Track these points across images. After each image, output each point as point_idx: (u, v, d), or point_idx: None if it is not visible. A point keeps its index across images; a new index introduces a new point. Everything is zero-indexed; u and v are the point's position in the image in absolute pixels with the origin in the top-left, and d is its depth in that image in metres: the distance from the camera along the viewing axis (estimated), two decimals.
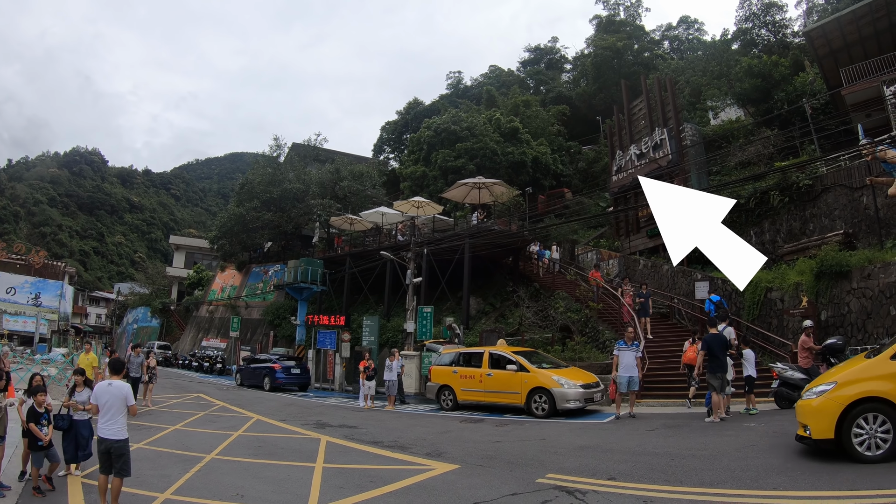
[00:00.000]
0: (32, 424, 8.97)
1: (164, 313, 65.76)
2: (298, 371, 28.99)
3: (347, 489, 8.56)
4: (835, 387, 8.41)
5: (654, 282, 25.68)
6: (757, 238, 23.79)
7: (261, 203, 46.34)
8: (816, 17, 36.90)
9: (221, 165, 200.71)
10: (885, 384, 7.95)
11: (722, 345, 13.56)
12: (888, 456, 7.77)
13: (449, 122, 41.04)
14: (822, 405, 8.39)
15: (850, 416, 8.06)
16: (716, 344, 13.45)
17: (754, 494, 7.11)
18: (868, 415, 7.99)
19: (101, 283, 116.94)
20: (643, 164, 28.88)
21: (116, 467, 7.59)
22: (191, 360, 45.17)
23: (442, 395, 19.17)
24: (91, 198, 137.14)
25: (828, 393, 8.41)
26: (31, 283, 60.05)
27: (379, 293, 35.44)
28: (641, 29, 63.62)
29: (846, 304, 15.98)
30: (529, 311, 26.81)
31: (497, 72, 72.03)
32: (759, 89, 32.13)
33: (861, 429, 8.01)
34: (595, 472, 8.87)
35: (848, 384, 8.31)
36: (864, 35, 26.61)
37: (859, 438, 8.00)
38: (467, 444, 12.13)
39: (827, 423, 8.19)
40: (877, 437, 7.92)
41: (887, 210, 18.78)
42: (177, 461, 10.90)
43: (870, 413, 7.98)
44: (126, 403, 7.82)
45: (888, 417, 7.85)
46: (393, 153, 67.78)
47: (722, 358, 13.34)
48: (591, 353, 21.65)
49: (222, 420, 17.16)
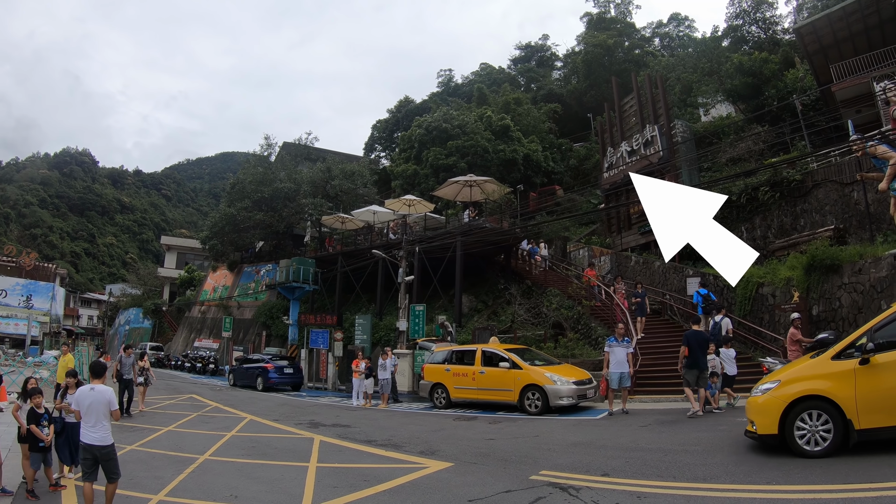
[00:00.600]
0: (34, 426, 8.93)
1: (156, 314, 65.56)
2: (291, 371, 28.96)
3: (341, 488, 8.56)
4: (778, 385, 8.86)
5: (645, 278, 25.72)
6: (748, 234, 23.85)
7: (252, 203, 46.23)
8: (806, 14, 37.00)
9: (212, 165, 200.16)
10: (826, 383, 8.34)
11: (701, 342, 13.84)
12: (829, 451, 8.11)
13: (440, 121, 40.99)
14: (766, 402, 8.84)
15: (793, 413, 8.47)
16: (695, 341, 13.74)
17: (748, 489, 7.13)
18: (811, 412, 8.36)
19: (92, 284, 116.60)
20: (634, 160, 28.91)
21: (106, 472, 7.54)
22: (183, 361, 45.11)
23: (435, 393, 19.19)
24: (82, 199, 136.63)
25: (772, 391, 8.85)
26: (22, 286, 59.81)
27: (371, 292, 35.41)
28: (632, 26, 63.70)
29: (837, 298, 16.04)
30: (522, 308, 26.84)
31: (488, 70, 71.98)
32: (750, 86, 32.21)
33: (803, 425, 8.39)
34: (588, 469, 8.89)
35: (790, 383, 8.77)
36: (853, 31, 26.68)
37: (801, 434, 8.39)
38: (461, 442, 12.14)
39: (771, 420, 8.61)
40: (818, 433, 8.28)
41: (878, 205, 18.85)
42: (170, 462, 10.88)
43: (811, 410, 8.36)
44: (110, 408, 7.72)
45: (828, 415, 8.20)
46: (384, 152, 67.62)
47: (699, 355, 13.57)
48: (584, 350, 21.69)
49: (215, 421, 17.14)
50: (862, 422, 7.97)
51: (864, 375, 8.03)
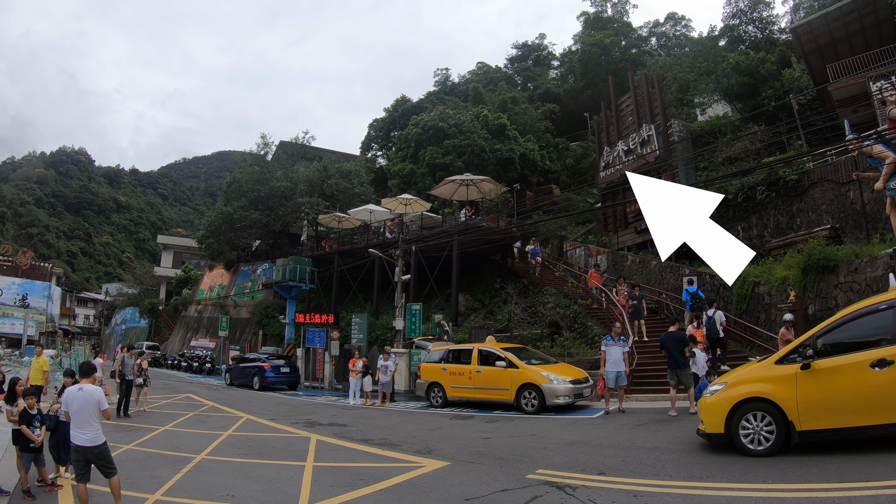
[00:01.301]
0: (25, 426, 8.91)
1: (152, 313, 65.50)
2: (288, 370, 28.96)
3: (338, 487, 8.56)
4: (725, 387, 9.28)
5: (642, 277, 25.74)
6: (744, 233, 23.88)
7: (248, 202, 46.22)
8: (803, 14, 37.01)
9: (209, 164, 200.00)
10: (769, 386, 8.70)
11: (678, 342, 14.07)
12: (772, 451, 8.46)
13: (437, 119, 40.99)
14: (714, 403, 9.25)
15: (738, 414, 8.86)
16: (672, 342, 14.05)
17: (744, 488, 7.14)
18: (756, 413, 8.73)
19: (88, 283, 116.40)
20: (631, 159, 28.93)
21: (101, 470, 7.53)
22: (180, 361, 45.06)
23: (431, 393, 19.19)
24: (78, 198, 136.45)
25: (719, 392, 9.26)
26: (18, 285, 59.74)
27: (368, 291, 35.41)
28: (629, 25, 63.69)
29: (833, 297, 16.06)
30: (518, 307, 26.86)
31: (485, 68, 71.95)
32: (746, 85, 32.24)
33: (748, 425, 8.77)
34: (585, 468, 8.91)
35: (736, 385, 9.17)
36: (850, 31, 26.73)
37: (746, 434, 8.77)
38: (457, 441, 12.14)
39: (718, 420, 9.02)
40: (762, 433, 8.64)
41: (874, 205, 18.88)
42: (167, 462, 10.87)
43: (756, 412, 8.73)
44: (99, 408, 7.67)
45: (771, 416, 8.55)
46: (381, 150, 67.59)
47: (678, 356, 13.81)
48: (581, 349, 21.72)
49: (212, 420, 17.12)
50: (803, 424, 8.30)
51: (805, 380, 8.35)
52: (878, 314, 8.24)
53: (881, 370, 7.69)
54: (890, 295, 8.60)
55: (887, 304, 8.20)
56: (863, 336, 8.33)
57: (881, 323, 8.16)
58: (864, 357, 7.95)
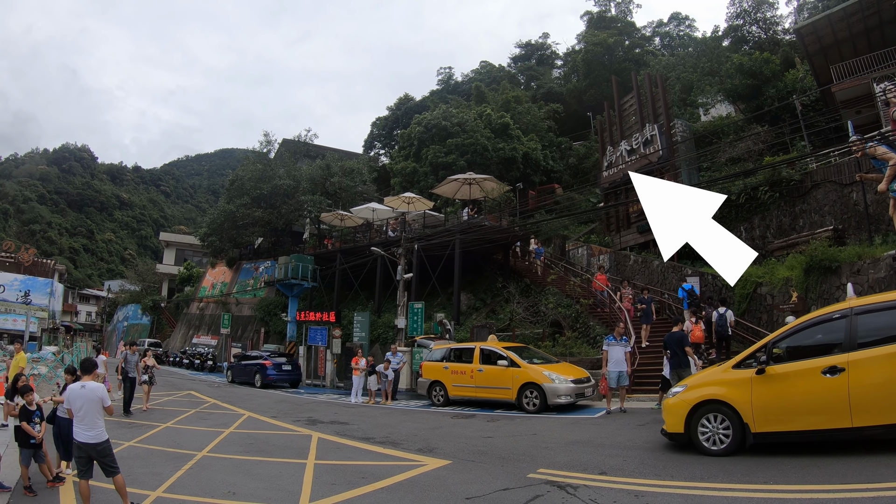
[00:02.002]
0: (25, 423, 8.92)
1: (154, 310, 65.59)
2: (289, 367, 28.97)
3: (339, 486, 8.56)
4: (685, 389, 9.73)
5: (644, 277, 25.74)
6: (747, 234, 23.86)
7: (251, 199, 46.26)
8: (807, 15, 37.03)
9: (212, 162, 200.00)
10: (726, 389, 9.06)
11: (678, 341, 14.18)
12: (729, 451, 8.81)
13: (439, 118, 41.00)
14: (675, 404, 9.66)
15: (697, 415, 9.26)
16: (674, 342, 14.17)
17: (745, 488, 7.13)
18: (714, 414, 9.12)
19: (91, 280, 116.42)
20: (634, 159, 28.91)
21: (103, 468, 7.53)
22: (182, 358, 45.07)
23: (433, 391, 19.20)
24: (81, 195, 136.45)
25: (680, 394, 9.71)
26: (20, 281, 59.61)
27: (370, 289, 35.40)
28: (632, 25, 63.75)
29: (836, 299, 16.01)
30: (520, 306, 26.85)
31: (488, 68, 72.00)
32: (750, 86, 32.22)
33: (706, 426, 9.16)
34: (586, 467, 8.90)
35: (695, 388, 9.60)
36: (854, 32, 26.69)
37: (704, 434, 9.16)
38: (458, 440, 12.14)
39: (678, 420, 9.45)
40: (719, 434, 9.02)
41: (877, 206, 18.86)
42: (168, 459, 10.88)
43: (714, 413, 9.12)
44: (102, 405, 7.67)
45: (728, 418, 8.92)
46: (383, 149, 67.66)
47: (682, 355, 13.87)
48: (582, 349, 21.71)
49: (213, 417, 17.14)
50: (757, 426, 8.63)
51: (759, 384, 8.66)
52: (832, 323, 8.50)
53: (832, 377, 7.96)
54: (843, 305, 8.86)
55: (841, 314, 8.44)
56: (817, 343, 8.63)
57: (834, 331, 8.41)
58: (817, 364, 8.23)
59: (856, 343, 8.00)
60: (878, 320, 8.16)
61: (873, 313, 8.24)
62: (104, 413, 7.73)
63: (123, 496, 7.48)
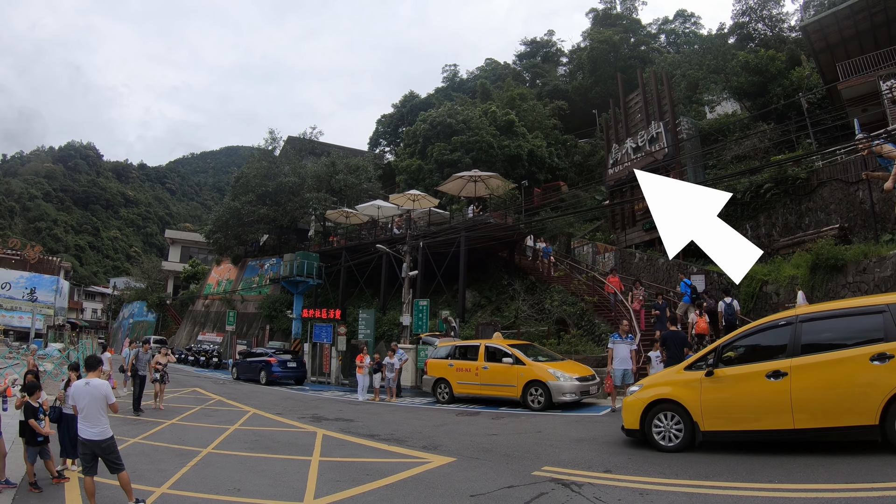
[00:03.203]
0: (32, 420, 8.94)
1: (160, 308, 65.68)
2: (294, 365, 29.00)
3: (344, 482, 8.57)
4: (640, 388, 10.30)
5: (649, 275, 25.72)
6: (752, 232, 23.81)
7: (256, 197, 46.33)
8: (813, 12, 36.90)
9: (217, 159, 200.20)
10: (676, 389, 9.58)
11: (680, 341, 14.31)
12: (681, 447, 9.28)
13: (445, 116, 40.99)
14: (631, 402, 10.22)
15: (652, 413, 9.76)
16: (673, 340, 14.29)
17: (750, 487, 7.11)
18: (667, 413, 9.60)
19: (96, 277, 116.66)
20: (639, 157, 28.88)
21: (108, 465, 7.54)
22: (187, 355, 45.17)
23: (438, 389, 19.21)
24: (86, 192, 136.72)
25: (636, 393, 10.27)
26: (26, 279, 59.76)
27: (375, 286, 35.45)
28: (638, 22, 63.60)
29: (841, 297, 16.01)
30: (525, 304, 26.83)
31: (493, 65, 71.95)
32: (756, 83, 32.12)
33: (659, 423, 9.64)
34: (591, 465, 8.89)
35: (649, 387, 10.17)
36: (860, 30, 26.59)
37: (657, 431, 9.65)
38: (463, 437, 12.14)
39: (634, 417, 9.96)
40: (671, 431, 9.50)
41: (883, 205, 18.80)
42: (173, 456, 10.91)
43: (666, 411, 9.60)
44: (107, 402, 7.70)
45: (680, 416, 9.42)
46: (389, 146, 67.67)
47: (679, 354, 13.85)
48: (587, 347, 21.69)
49: (218, 414, 17.17)
50: (706, 425, 9.11)
51: (708, 386, 9.15)
52: (778, 329, 8.89)
53: (776, 380, 8.37)
54: (791, 312, 9.26)
55: (786, 321, 8.82)
56: (763, 348, 9.11)
57: (779, 337, 8.80)
58: (762, 368, 8.66)
59: (799, 349, 8.38)
60: (820, 328, 8.54)
61: (817, 321, 8.60)
62: (109, 410, 7.75)
63: (128, 492, 7.50)
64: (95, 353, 10.11)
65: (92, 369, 8.00)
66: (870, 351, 7.77)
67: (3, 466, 8.82)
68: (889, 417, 7.52)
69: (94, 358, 8.35)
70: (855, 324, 8.37)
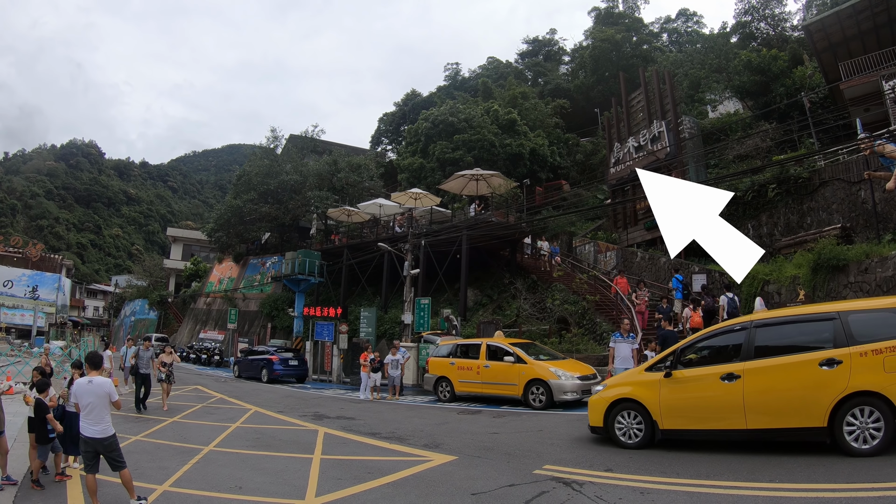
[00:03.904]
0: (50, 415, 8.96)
1: (161, 306, 65.75)
2: (296, 363, 29.01)
3: (345, 480, 8.58)
4: (604, 388, 10.85)
5: (651, 274, 25.72)
6: (754, 231, 23.79)
7: (258, 195, 46.37)
8: (815, 11, 36.85)
9: (219, 157, 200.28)
10: (637, 389, 10.06)
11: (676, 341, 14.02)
12: (642, 444, 9.72)
13: (447, 114, 40.98)
14: (595, 401, 10.71)
15: (614, 412, 10.21)
16: (673, 340, 14.13)
17: (751, 486, 7.11)
18: (628, 411, 10.05)
19: (98, 275, 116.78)
20: (641, 156, 28.86)
21: (109, 462, 7.55)
22: (188, 353, 45.22)
23: (439, 387, 19.21)
24: (88, 190, 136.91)
25: (599, 393, 10.81)
26: (28, 276, 59.88)
27: (376, 285, 35.46)
28: (640, 21, 63.56)
29: (843, 297, 15.99)
30: (527, 302, 26.84)
31: (495, 63, 71.85)
32: (758, 83, 32.11)
33: (622, 421, 10.09)
34: (592, 464, 8.90)
35: (613, 387, 10.69)
36: (863, 29, 26.56)
37: (620, 428, 10.09)
38: (465, 436, 12.15)
39: (598, 415, 10.45)
40: (633, 429, 9.93)
41: (885, 204, 18.79)
42: (175, 453, 10.92)
43: (628, 410, 10.06)
44: (110, 400, 7.71)
45: (640, 415, 9.86)
46: (391, 145, 67.67)
47: None
48: (589, 345, 21.70)
49: (220, 412, 17.18)
50: (665, 423, 9.59)
51: (667, 386, 9.62)
52: (734, 333, 9.38)
53: (729, 383, 8.81)
54: (747, 318, 9.98)
55: (741, 326, 9.33)
56: (720, 352, 9.59)
57: (735, 341, 9.26)
58: (716, 370, 9.11)
59: (753, 353, 8.81)
60: (773, 333, 9.06)
61: (770, 327, 9.14)
62: (112, 408, 7.76)
63: (130, 490, 7.51)
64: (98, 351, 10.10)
65: (95, 367, 8.00)
66: (819, 356, 8.18)
67: (4, 464, 8.83)
68: (837, 420, 7.91)
69: (96, 356, 8.36)
70: (806, 330, 8.80)
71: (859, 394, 7.81)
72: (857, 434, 7.81)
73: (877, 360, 7.77)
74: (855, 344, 7.97)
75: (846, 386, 7.85)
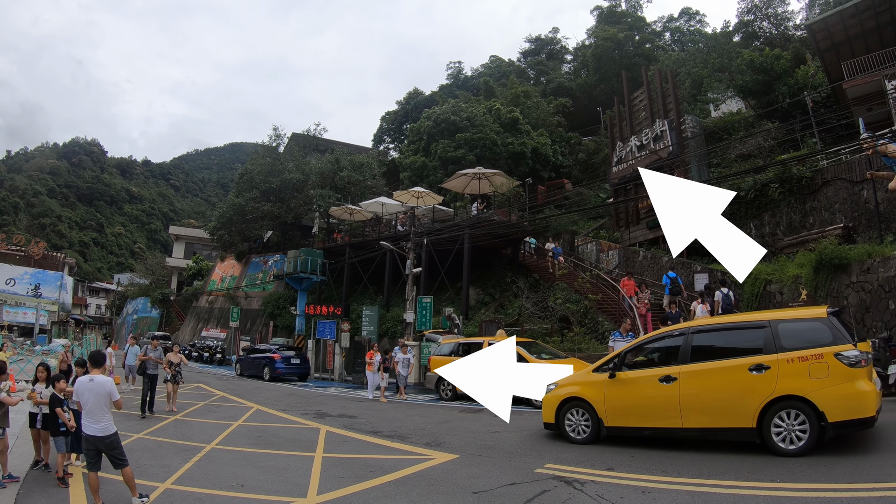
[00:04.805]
0: (59, 409, 8.99)
1: (163, 304, 65.85)
2: (298, 361, 29.04)
3: (347, 479, 8.60)
4: (556, 387, 11.36)
5: (653, 273, 25.69)
6: (757, 230, 23.77)
7: (260, 193, 46.36)
8: (818, 11, 36.79)
9: (221, 156, 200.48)
10: (585, 389, 10.70)
11: None
12: (589, 440, 10.40)
13: (449, 113, 40.96)
14: (548, 399, 11.34)
15: (564, 409, 10.88)
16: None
17: (752, 486, 7.12)
18: (577, 409, 10.71)
19: (100, 273, 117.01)
20: (643, 155, 28.84)
21: (112, 460, 7.59)
22: (191, 351, 45.24)
23: (441, 385, 19.25)
24: (90, 189, 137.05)
25: (552, 391, 11.37)
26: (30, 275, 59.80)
27: (378, 283, 35.49)
28: (642, 20, 63.53)
29: (845, 297, 15.99)
30: (529, 301, 26.84)
31: (497, 62, 71.78)
32: (760, 82, 32.03)
33: (571, 418, 10.76)
34: (593, 463, 8.91)
35: (563, 386, 11.22)
36: (866, 29, 26.51)
37: (569, 425, 10.76)
38: (466, 434, 12.17)
39: (550, 412, 11.10)
40: (581, 425, 10.62)
41: (887, 204, 18.78)
42: (177, 451, 10.95)
43: (576, 408, 10.72)
44: (110, 398, 7.72)
45: (588, 412, 10.53)
46: (393, 143, 67.69)
47: None
48: (591, 344, 21.69)
49: (222, 410, 17.21)
50: (609, 421, 10.24)
51: (611, 387, 10.27)
52: (673, 338, 10.05)
53: (667, 384, 9.46)
54: (685, 324, 10.69)
55: (680, 332, 9.97)
56: (660, 356, 10.28)
57: (674, 346, 9.91)
58: (656, 373, 9.80)
59: (689, 357, 9.44)
60: (709, 339, 9.68)
61: (707, 333, 9.80)
62: (113, 407, 7.78)
63: (132, 488, 7.53)
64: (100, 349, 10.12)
65: (97, 366, 8.02)
66: (749, 361, 8.75)
67: (5, 461, 8.85)
68: (766, 421, 8.50)
69: (99, 354, 8.38)
70: (739, 337, 9.43)
71: (786, 398, 8.38)
72: (784, 435, 8.35)
73: (802, 367, 8.34)
74: (783, 351, 8.55)
75: (773, 390, 8.43)
